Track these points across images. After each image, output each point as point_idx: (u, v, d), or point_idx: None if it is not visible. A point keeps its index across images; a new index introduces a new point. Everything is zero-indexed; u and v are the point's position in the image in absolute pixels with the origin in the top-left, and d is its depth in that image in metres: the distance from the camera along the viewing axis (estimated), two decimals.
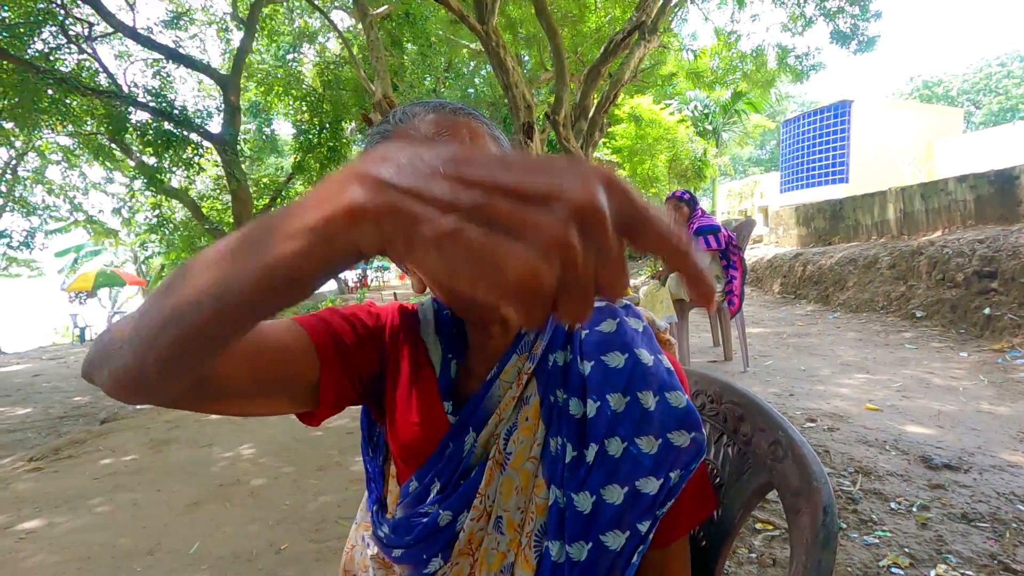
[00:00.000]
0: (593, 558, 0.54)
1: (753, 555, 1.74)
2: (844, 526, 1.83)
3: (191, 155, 8.82)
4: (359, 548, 0.75)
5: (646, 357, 0.61)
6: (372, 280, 33.24)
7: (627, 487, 0.55)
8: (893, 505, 1.93)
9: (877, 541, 1.73)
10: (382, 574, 0.65)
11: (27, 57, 7.27)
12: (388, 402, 0.64)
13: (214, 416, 4.41)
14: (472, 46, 11.24)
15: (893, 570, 1.58)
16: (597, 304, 0.66)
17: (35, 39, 7.55)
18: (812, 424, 2.73)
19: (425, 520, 0.59)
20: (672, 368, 0.62)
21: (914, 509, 1.89)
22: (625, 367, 0.60)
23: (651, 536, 0.57)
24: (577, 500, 0.55)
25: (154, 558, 2.11)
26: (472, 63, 13.92)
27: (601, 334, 0.63)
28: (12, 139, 11.08)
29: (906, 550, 1.67)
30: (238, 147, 9.43)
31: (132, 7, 9.11)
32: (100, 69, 8.82)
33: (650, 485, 0.56)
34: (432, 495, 0.60)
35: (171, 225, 10.79)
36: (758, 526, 1.88)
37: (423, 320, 0.69)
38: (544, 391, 0.61)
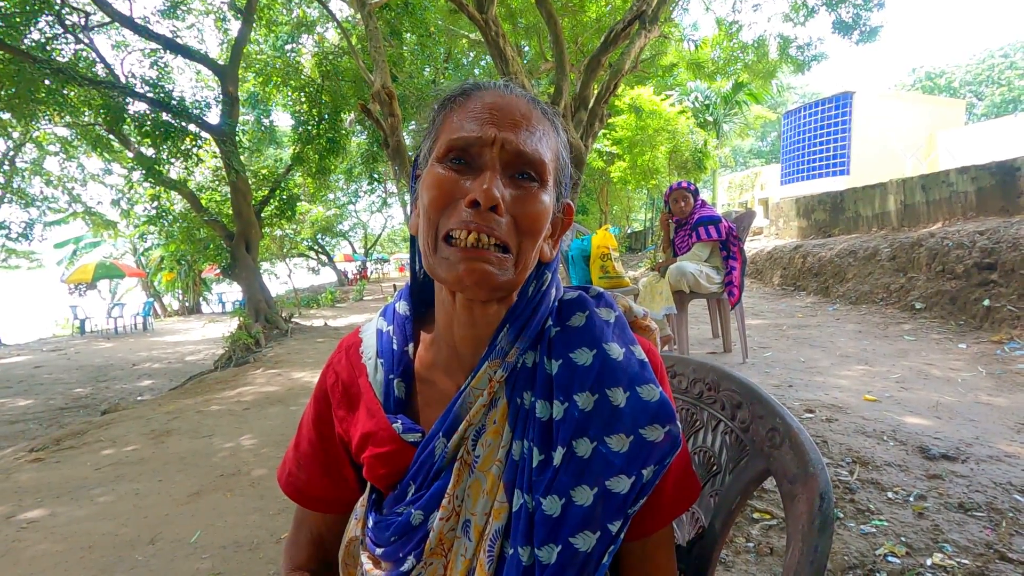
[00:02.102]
0: (563, 561, 0.54)
1: (751, 544, 1.75)
2: (841, 515, 1.84)
3: (189, 146, 8.77)
4: (356, 542, 0.77)
5: (616, 351, 0.60)
6: (371, 272, 33.28)
7: (597, 488, 0.55)
8: (890, 495, 1.94)
9: (874, 530, 1.74)
10: (375, 572, 0.66)
11: (23, 47, 7.20)
12: (354, 445, 0.67)
13: (214, 407, 4.43)
14: (471, 36, 11.18)
15: (889, 559, 1.59)
16: (569, 296, 0.66)
17: (31, 28, 7.48)
18: (810, 415, 2.74)
19: (399, 519, 0.61)
20: (645, 359, 0.61)
21: (911, 499, 1.90)
22: (593, 364, 0.58)
23: (622, 536, 0.57)
24: (546, 504, 0.55)
25: (156, 547, 2.12)
26: (471, 53, 13.84)
27: (570, 329, 0.62)
28: (9, 130, 11.02)
29: (903, 539, 1.68)
30: (236, 138, 9.37)
31: None
32: (97, 59, 8.74)
33: (621, 484, 0.55)
34: (408, 496, 0.62)
35: (170, 216, 10.73)
36: (756, 515, 1.89)
37: (365, 345, 0.71)
38: (511, 393, 0.61)
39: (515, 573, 0.55)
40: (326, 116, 10.38)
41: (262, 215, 10.64)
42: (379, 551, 0.64)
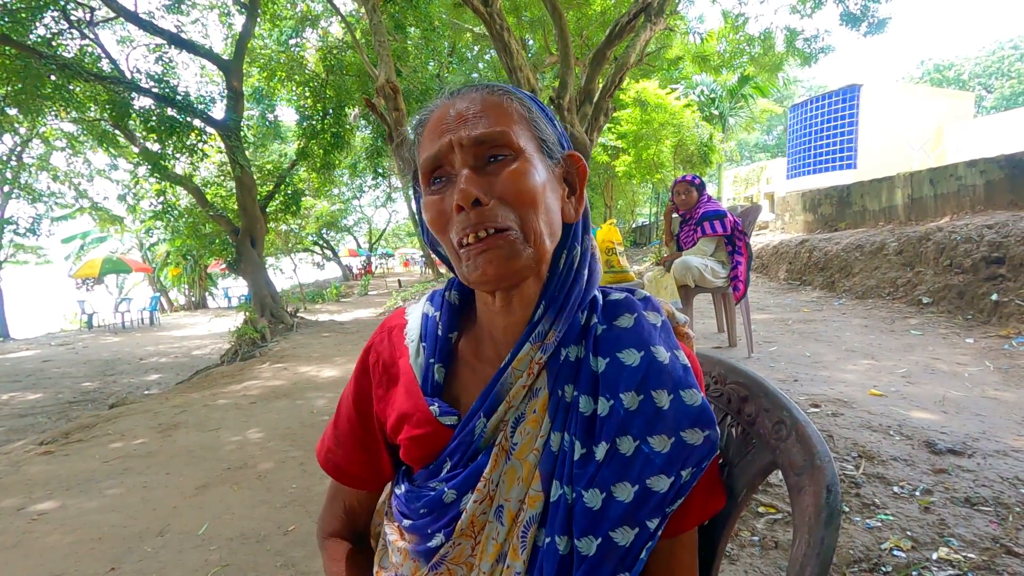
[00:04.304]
0: (602, 553, 0.56)
1: (756, 538, 1.75)
2: (847, 510, 1.84)
3: (194, 141, 8.81)
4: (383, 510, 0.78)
5: (662, 354, 0.61)
6: (376, 267, 33.33)
7: (638, 485, 0.56)
8: (896, 489, 1.94)
9: (879, 525, 1.74)
10: (400, 543, 0.67)
11: (29, 43, 7.24)
12: (389, 426, 0.68)
13: (221, 401, 4.46)
14: (476, 30, 11.13)
15: (895, 553, 1.59)
16: (615, 296, 0.67)
17: (37, 24, 7.51)
18: (816, 409, 2.73)
19: (432, 493, 0.62)
20: (688, 364, 0.62)
21: (917, 493, 1.90)
22: (640, 365, 0.59)
23: (660, 532, 0.58)
24: (587, 497, 0.56)
25: (164, 539, 2.14)
26: (476, 47, 13.80)
27: (618, 329, 0.63)
28: (16, 125, 11.07)
29: (908, 533, 1.68)
30: (241, 133, 9.40)
31: None
32: (102, 55, 8.77)
33: (661, 483, 0.56)
34: (443, 473, 0.63)
35: (176, 212, 10.79)
36: (761, 509, 1.89)
37: (410, 328, 0.72)
38: (553, 385, 0.62)
39: (553, 561, 0.56)
40: (330, 111, 10.39)
41: (267, 210, 10.67)
42: (406, 523, 0.65)
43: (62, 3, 7.76)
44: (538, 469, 0.59)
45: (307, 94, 10.58)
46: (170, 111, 8.41)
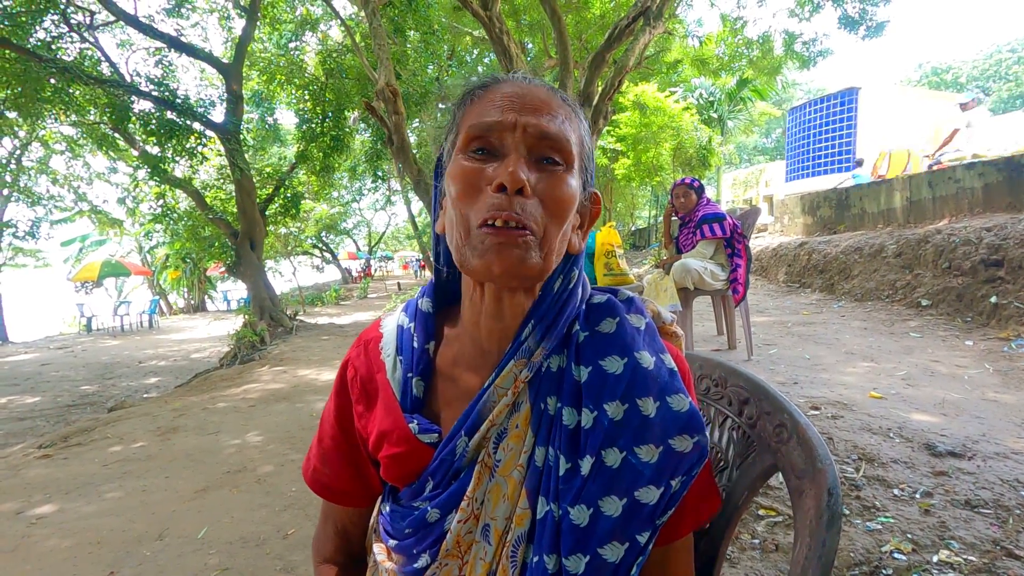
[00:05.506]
0: (591, 571, 0.54)
1: (756, 541, 1.75)
2: (847, 512, 1.84)
3: (194, 144, 8.80)
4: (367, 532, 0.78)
5: (647, 359, 0.59)
6: (376, 270, 33.31)
7: (626, 498, 0.54)
8: (896, 492, 1.94)
9: (880, 527, 1.74)
10: (387, 564, 0.66)
11: (29, 46, 7.24)
12: (371, 443, 0.66)
13: (220, 404, 4.45)
14: (475, 33, 11.17)
15: (895, 555, 1.59)
16: (597, 300, 0.64)
17: (37, 28, 7.51)
18: (816, 412, 2.73)
19: (416, 512, 0.61)
20: (675, 368, 0.60)
21: (917, 496, 1.90)
22: (624, 373, 0.57)
23: (650, 546, 0.56)
24: (573, 513, 0.54)
25: (163, 543, 2.14)
26: (475, 51, 13.83)
27: (600, 335, 0.60)
28: (16, 129, 11.07)
29: (909, 536, 1.68)
30: (241, 136, 9.40)
31: None
32: (102, 58, 8.78)
33: (650, 495, 0.55)
34: (426, 492, 0.62)
35: (175, 215, 10.78)
36: (761, 512, 1.89)
37: (385, 341, 0.69)
38: (535, 398, 0.60)
39: None
40: (330, 114, 10.39)
41: (266, 213, 10.67)
42: (392, 543, 0.63)
43: (62, 6, 7.76)
44: (524, 486, 0.58)
45: (307, 97, 10.59)
46: (170, 114, 8.41)
